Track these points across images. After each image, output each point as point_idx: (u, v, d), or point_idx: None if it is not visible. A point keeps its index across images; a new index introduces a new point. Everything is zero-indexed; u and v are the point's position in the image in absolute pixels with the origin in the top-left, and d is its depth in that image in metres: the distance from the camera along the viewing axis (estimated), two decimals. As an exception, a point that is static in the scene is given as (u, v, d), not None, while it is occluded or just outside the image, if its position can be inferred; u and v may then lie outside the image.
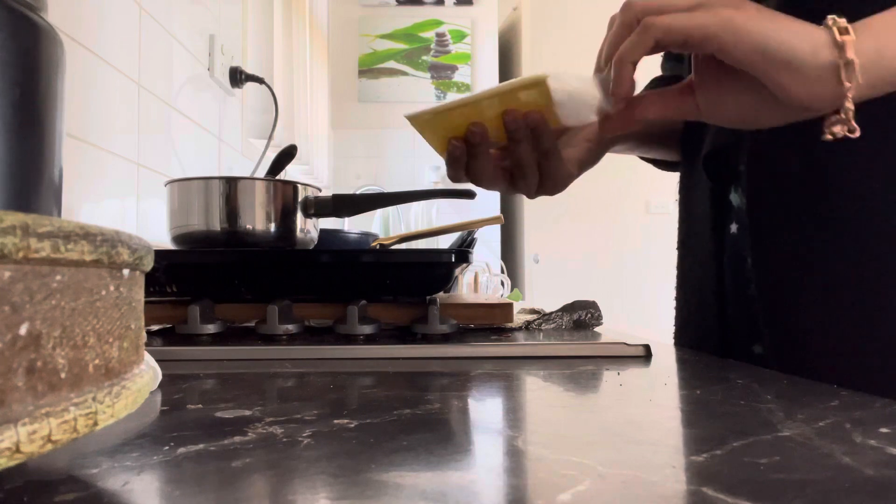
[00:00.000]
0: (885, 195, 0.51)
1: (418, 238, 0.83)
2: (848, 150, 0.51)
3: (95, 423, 0.19)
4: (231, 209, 0.74)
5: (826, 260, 0.53)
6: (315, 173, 2.45)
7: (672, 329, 0.73)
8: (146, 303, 0.28)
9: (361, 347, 0.54)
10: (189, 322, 0.59)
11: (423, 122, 0.52)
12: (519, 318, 0.70)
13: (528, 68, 3.32)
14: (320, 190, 0.82)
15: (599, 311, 0.70)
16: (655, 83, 0.79)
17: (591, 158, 0.65)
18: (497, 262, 2.68)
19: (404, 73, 3.31)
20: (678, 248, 0.72)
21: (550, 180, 0.57)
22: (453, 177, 0.56)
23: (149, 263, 0.24)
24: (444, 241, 1.42)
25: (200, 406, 0.35)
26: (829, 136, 0.45)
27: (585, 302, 0.70)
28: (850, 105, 0.43)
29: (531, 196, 0.59)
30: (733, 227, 0.61)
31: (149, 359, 0.29)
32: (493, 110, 0.51)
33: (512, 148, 0.54)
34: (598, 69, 0.49)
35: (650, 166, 0.87)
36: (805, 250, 0.54)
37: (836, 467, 0.24)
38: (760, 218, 0.56)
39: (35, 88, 0.36)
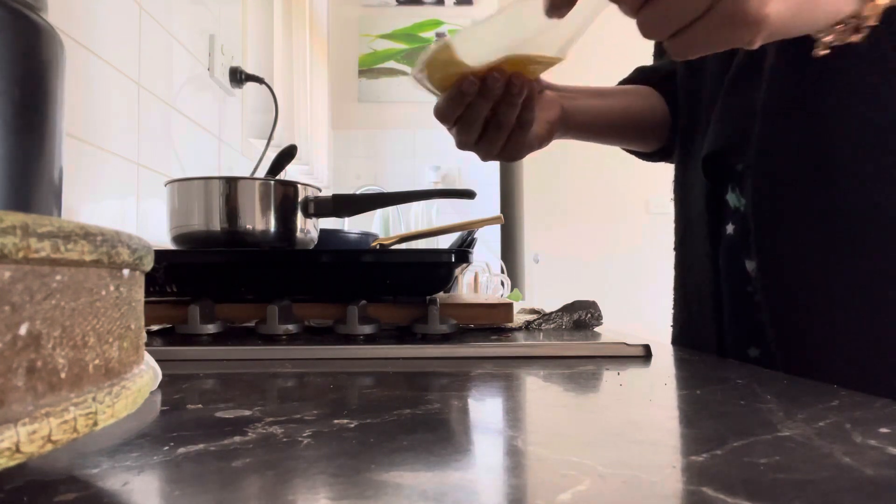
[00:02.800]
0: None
1: (418, 238, 0.83)
2: (861, 150, 0.51)
3: (95, 423, 0.19)
4: (231, 209, 0.74)
5: (833, 262, 0.52)
6: (315, 173, 2.45)
7: (670, 329, 0.73)
8: (146, 303, 0.28)
9: (361, 347, 0.54)
10: (189, 322, 0.59)
11: (444, 50, 0.53)
12: (519, 318, 0.70)
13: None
14: (320, 190, 0.82)
15: (599, 311, 0.70)
16: (638, 73, 0.79)
17: (548, 137, 0.68)
18: (497, 262, 2.68)
19: (404, 73, 3.31)
20: (675, 249, 0.72)
21: (516, 147, 0.62)
22: (448, 112, 0.59)
23: (149, 263, 0.24)
24: (444, 241, 1.42)
25: (200, 406, 0.35)
26: (822, 51, 0.43)
27: (585, 302, 0.70)
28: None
29: (487, 158, 0.64)
30: (729, 228, 0.61)
31: (149, 359, 0.29)
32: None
33: (502, 108, 0.58)
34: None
35: (650, 166, 0.87)
36: (813, 252, 0.53)
37: (836, 467, 0.24)
38: (764, 219, 0.56)
39: (35, 88, 0.36)
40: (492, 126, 0.60)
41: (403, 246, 0.91)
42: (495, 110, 0.58)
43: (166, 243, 0.79)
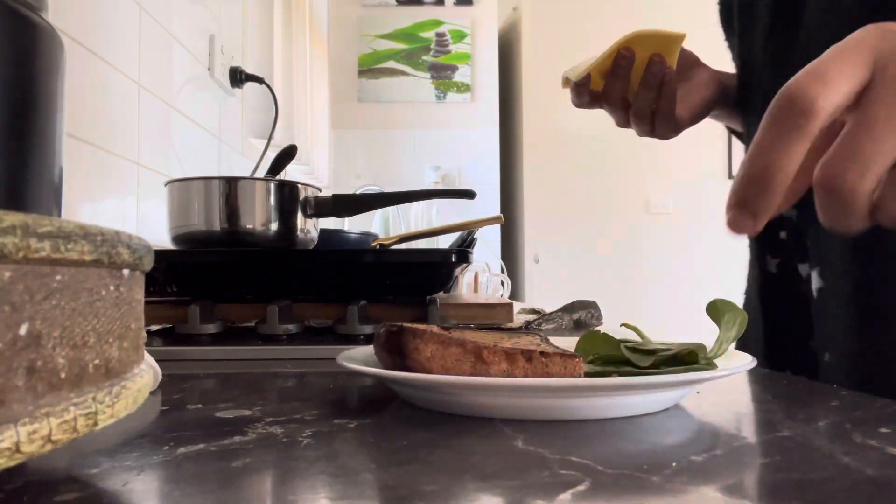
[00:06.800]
0: None
1: (418, 238, 0.83)
2: None
3: (95, 423, 0.19)
4: (231, 209, 0.74)
5: (884, 275, 0.53)
6: (315, 173, 2.45)
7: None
8: (146, 303, 0.28)
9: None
10: (189, 322, 0.59)
11: (575, 71, 0.62)
12: (519, 318, 0.70)
13: (528, 68, 3.32)
14: (320, 190, 0.82)
15: (599, 311, 0.70)
16: None
17: (702, 115, 0.71)
18: (497, 262, 2.68)
19: (404, 73, 3.31)
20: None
21: (663, 125, 0.65)
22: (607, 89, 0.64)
23: (149, 263, 0.24)
24: (444, 241, 1.42)
25: (200, 406, 0.35)
26: None
27: (585, 302, 0.70)
28: None
29: (648, 135, 0.68)
30: (782, 234, 0.63)
31: (149, 359, 0.29)
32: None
33: (640, 94, 0.63)
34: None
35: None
36: (869, 261, 0.54)
37: (836, 467, 0.24)
38: (820, 232, 0.57)
39: (35, 88, 0.36)
40: (633, 113, 0.65)
41: (403, 246, 0.91)
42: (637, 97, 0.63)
43: (166, 243, 0.79)
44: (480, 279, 1.82)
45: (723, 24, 0.81)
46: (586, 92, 0.64)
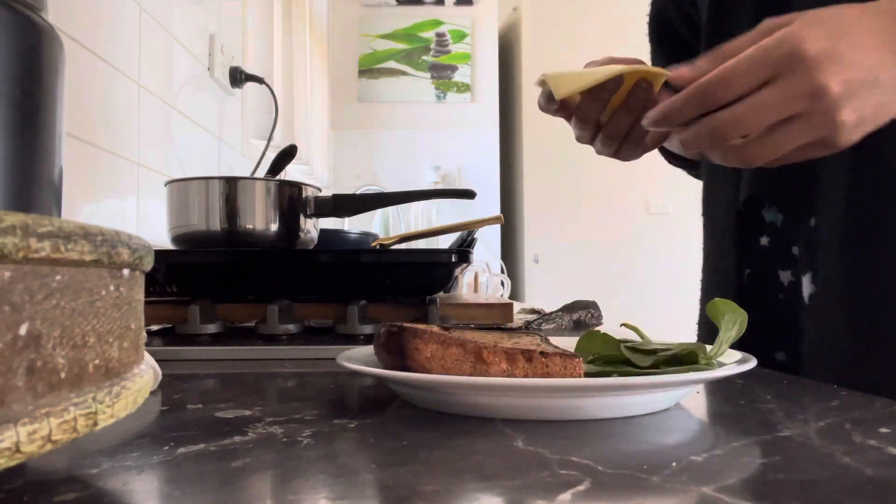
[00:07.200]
0: None
1: (418, 238, 0.83)
2: None
3: (95, 423, 0.19)
4: (231, 209, 0.74)
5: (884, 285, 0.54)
6: (315, 173, 2.45)
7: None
8: (146, 303, 0.28)
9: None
10: (189, 322, 0.59)
11: (562, 85, 0.59)
12: (519, 318, 0.70)
13: (528, 68, 3.32)
14: (320, 190, 0.82)
15: (599, 311, 0.70)
16: None
17: (662, 139, 0.71)
18: (497, 262, 2.68)
19: (404, 73, 3.31)
20: (703, 261, 0.73)
21: (631, 148, 0.65)
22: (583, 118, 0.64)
23: (149, 263, 0.24)
24: (444, 241, 1.42)
25: (200, 406, 0.35)
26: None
27: (585, 302, 0.70)
28: None
29: (609, 156, 0.68)
30: (763, 241, 0.63)
31: (149, 359, 0.29)
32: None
33: (619, 116, 0.62)
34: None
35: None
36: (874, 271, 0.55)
37: (836, 467, 0.24)
38: (824, 242, 0.57)
39: (35, 88, 0.36)
40: (605, 132, 0.64)
41: (403, 246, 0.91)
42: (612, 118, 0.63)
43: (166, 243, 0.79)
44: (480, 279, 1.82)
45: (652, 36, 0.82)
46: (557, 101, 0.64)
